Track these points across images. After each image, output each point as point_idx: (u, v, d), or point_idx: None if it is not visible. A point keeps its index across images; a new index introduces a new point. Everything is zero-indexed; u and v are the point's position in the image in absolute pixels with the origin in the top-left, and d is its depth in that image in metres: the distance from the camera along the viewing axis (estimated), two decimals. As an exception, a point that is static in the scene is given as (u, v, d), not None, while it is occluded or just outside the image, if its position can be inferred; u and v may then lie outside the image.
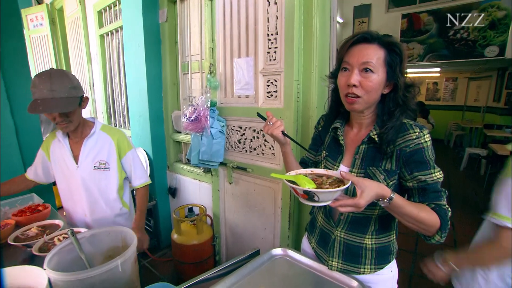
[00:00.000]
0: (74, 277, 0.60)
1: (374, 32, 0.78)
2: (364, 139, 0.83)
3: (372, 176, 0.80)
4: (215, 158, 1.83)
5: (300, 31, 1.41)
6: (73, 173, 1.26)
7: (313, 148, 1.04)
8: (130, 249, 0.68)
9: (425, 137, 0.76)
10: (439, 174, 0.77)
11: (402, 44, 0.77)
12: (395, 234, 0.91)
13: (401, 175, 0.79)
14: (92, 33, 2.94)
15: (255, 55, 1.58)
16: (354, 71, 0.76)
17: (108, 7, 2.63)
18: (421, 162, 0.76)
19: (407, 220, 0.74)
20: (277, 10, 1.44)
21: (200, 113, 1.73)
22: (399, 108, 0.78)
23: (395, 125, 0.77)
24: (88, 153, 1.26)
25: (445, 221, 0.74)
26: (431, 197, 0.77)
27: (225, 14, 1.70)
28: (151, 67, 2.20)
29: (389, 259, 0.90)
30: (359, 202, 0.65)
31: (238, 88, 1.71)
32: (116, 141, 1.31)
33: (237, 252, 2.01)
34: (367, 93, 0.77)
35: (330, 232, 0.93)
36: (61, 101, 1.07)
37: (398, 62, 0.75)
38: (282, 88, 1.49)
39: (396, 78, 0.76)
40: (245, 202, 1.84)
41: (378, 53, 0.75)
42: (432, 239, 0.77)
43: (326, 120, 1.00)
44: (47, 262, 0.65)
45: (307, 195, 0.67)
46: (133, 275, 0.71)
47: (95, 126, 1.29)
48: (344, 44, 0.81)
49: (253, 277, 0.91)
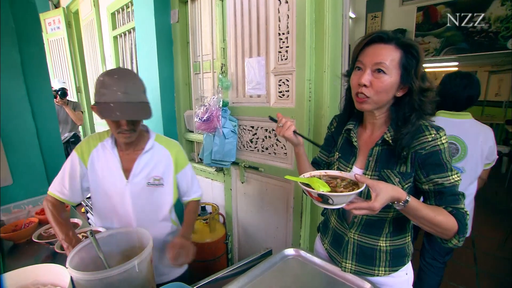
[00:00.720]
0: (94, 276, 0.63)
1: (391, 32, 0.76)
2: (378, 141, 0.81)
3: (387, 179, 0.78)
4: (227, 157, 1.85)
5: (312, 29, 1.39)
6: (120, 188, 1.08)
7: (326, 148, 1.03)
8: (146, 250, 0.70)
9: (441, 139, 0.73)
10: (456, 177, 0.74)
11: (420, 46, 0.74)
12: (410, 236, 0.89)
13: (417, 177, 0.78)
14: (106, 34, 3.01)
15: (267, 55, 1.58)
16: (366, 71, 0.75)
17: (121, 8, 2.69)
18: (437, 165, 0.74)
19: (423, 223, 0.73)
20: (288, 9, 1.43)
21: (212, 113, 1.75)
22: (415, 113, 0.75)
23: (411, 132, 0.75)
24: (142, 168, 1.09)
25: (463, 225, 0.72)
26: (448, 200, 0.75)
27: (236, 13, 1.70)
28: (163, 67, 2.23)
29: (404, 262, 0.89)
30: (374, 205, 0.64)
31: (250, 88, 1.71)
32: (174, 156, 1.16)
33: (250, 250, 2.02)
34: (376, 93, 0.75)
35: (343, 234, 0.92)
36: (136, 107, 0.94)
37: (414, 64, 0.73)
38: (294, 87, 1.48)
39: (410, 81, 0.73)
40: (257, 201, 1.85)
41: (393, 54, 0.73)
42: (449, 243, 0.75)
43: (339, 121, 0.98)
44: (69, 261, 0.68)
45: (321, 198, 0.67)
46: (149, 274, 0.73)
47: (151, 137, 1.13)
48: (359, 43, 0.79)
49: (265, 277, 0.92)
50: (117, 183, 1.07)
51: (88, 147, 1.09)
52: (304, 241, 1.63)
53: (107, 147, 1.08)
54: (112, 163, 1.07)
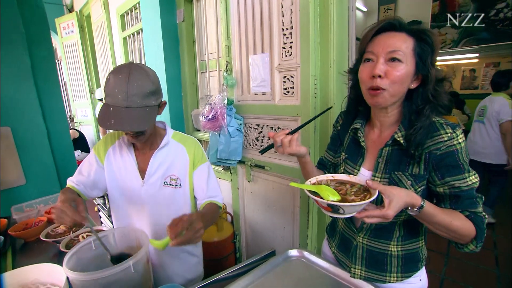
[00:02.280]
0: (89, 277, 0.63)
1: (402, 19, 0.71)
2: (388, 141, 0.75)
3: (398, 182, 0.73)
4: (233, 156, 1.83)
5: (316, 24, 1.34)
6: (137, 190, 1.03)
7: (332, 148, 0.98)
8: (142, 250, 0.69)
9: (458, 138, 0.67)
10: (474, 178, 0.68)
11: (433, 32, 0.68)
12: (423, 240, 0.83)
13: (430, 179, 0.72)
14: (116, 36, 3.07)
15: (271, 51, 1.54)
16: (380, 61, 0.69)
17: (130, 10, 2.72)
18: (453, 166, 0.68)
19: (438, 229, 0.68)
20: (291, 3, 1.39)
21: (217, 111, 1.74)
22: (429, 104, 0.69)
23: (424, 125, 0.69)
24: (157, 167, 1.03)
25: (481, 230, 0.67)
26: (465, 204, 0.69)
27: (239, 10, 1.67)
28: (170, 67, 2.25)
29: (417, 267, 0.83)
30: (387, 213, 0.60)
31: (255, 86, 1.69)
32: (192, 154, 1.07)
33: (257, 249, 2.01)
34: (393, 84, 0.69)
35: (351, 238, 0.87)
36: (136, 114, 0.84)
37: (430, 52, 0.67)
38: (299, 84, 1.44)
39: (426, 70, 0.68)
40: (264, 200, 1.83)
41: (407, 42, 0.68)
42: (466, 248, 0.70)
43: (345, 119, 0.92)
44: (66, 261, 0.69)
45: (331, 208, 0.63)
46: (146, 275, 0.72)
47: (167, 134, 1.06)
48: (367, 33, 0.73)
49: (267, 278, 0.90)
50: (133, 184, 1.03)
51: (105, 145, 1.06)
52: (311, 242, 1.59)
53: (123, 145, 1.04)
54: (128, 162, 1.03)
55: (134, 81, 0.83)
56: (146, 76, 0.86)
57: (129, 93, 0.82)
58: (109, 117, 0.81)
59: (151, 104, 0.87)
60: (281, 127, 1.60)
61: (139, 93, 0.83)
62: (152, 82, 0.88)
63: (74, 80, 4.30)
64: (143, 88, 0.84)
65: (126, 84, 0.82)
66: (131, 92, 0.82)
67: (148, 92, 0.85)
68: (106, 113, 0.82)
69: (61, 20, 4.05)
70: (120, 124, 0.81)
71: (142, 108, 0.85)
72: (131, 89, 0.82)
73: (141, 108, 0.84)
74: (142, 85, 0.84)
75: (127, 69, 0.84)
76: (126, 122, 0.81)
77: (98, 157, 1.05)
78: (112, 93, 0.83)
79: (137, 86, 0.83)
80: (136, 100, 0.83)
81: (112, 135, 1.09)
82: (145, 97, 0.85)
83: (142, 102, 0.84)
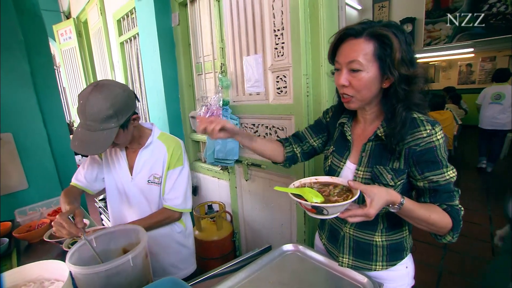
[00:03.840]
0: (91, 270, 0.66)
1: (365, 22, 0.72)
2: (371, 137, 0.79)
3: (379, 176, 0.76)
4: (230, 156, 1.87)
5: (307, 24, 1.38)
6: (127, 185, 1.13)
7: (314, 130, 1.01)
8: (140, 245, 0.73)
9: (437, 135, 0.70)
10: (452, 173, 0.72)
11: (394, 32, 0.68)
12: (408, 230, 0.87)
13: (411, 174, 0.76)
14: (113, 41, 3.11)
15: (263, 52, 1.58)
16: (343, 71, 0.73)
17: (126, 15, 2.76)
18: (432, 162, 0.71)
19: (418, 223, 0.72)
20: (282, 5, 1.42)
21: (213, 112, 1.78)
22: (400, 103, 0.72)
23: (399, 124, 0.71)
24: (142, 166, 1.11)
25: (457, 222, 0.71)
26: (443, 197, 0.73)
27: (232, 13, 1.71)
28: (167, 69, 2.28)
29: (402, 256, 0.87)
30: (369, 212, 0.63)
31: (249, 86, 1.72)
32: (170, 154, 1.13)
33: (256, 247, 2.02)
34: (358, 92, 0.73)
35: (339, 229, 0.91)
36: (95, 138, 0.90)
37: (389, 53, 0.68)
38: (291, 83, 1.48)
39: (390, 72, 0.69)
40: (262, 198, 1.87)
41: (366, 48, 0.69)
42: (443, 239, 0.74)
43: (334, 112, 0.97)
44: (69, 257, 0.72)
45: (315, 209, 0.65)
46: (145, 269, 0.76)
47: (152, 134, 1.13)
48: (330, 45, 0.77)
49: (263, 272, 0.92)
50: (124, 179, 1.12)
51: None
52: (308, 237, 1.62)
53: None
54: (120, 159, 1.12)
55: (90, 107, 0.88)
56: (104, 100, 0.89)
57: (87, 119, 0.89)
58: (75, 138, 0.91)
59: (109, 127, 0.91)
60: (276, 126, 1.64)
61: (96, 119, 0.89)
62: (112, 105, 0.90)
63: (73, 86, 4.35)
64: (99, 114, 0.88)
65: (84, 111, 0.88)
66: (89, 118, 0.88)
67: (105, 117, 0.89)
68: (75, 134, 0.91)
69: (59, 26, 4.09)
70: (81, 147, 0.89)
71: (101, 131, 0.90)
72: (89, 115, 0.88)
73: (100, 131, 0.90)
74: (99, 111, 0.88)
75: (86, 94, 0.89)
76: (86, 145, 0.89)
77: (99, 155, 1.16)
78: (78, 115, 0.91)
79: (95, 112, 0.88)
80: (94, 125, 0.89)
81: None
82: (103, 121, 0.89)
83: (99, 126, 0.89)
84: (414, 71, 0.70)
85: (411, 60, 0.70)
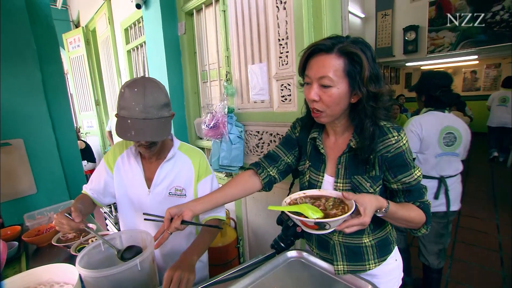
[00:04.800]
0: (100, 274, 0.68)
1: (335, 37, 0.74)
2: (345, 150, 0.81)
3: (359, 185, 0.80)
4: (234, 162, 1.89)
5: (310, 34, 1.41)
6: (143, 198, 1.07)
7: (285, 147, 1.00)
8: (147, 250, 0.75)
9: (403, 140, 0.76)
10: (418, 172, 0.78)
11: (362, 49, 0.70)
12: (390, 225, 0.91)
13: (385, 178, 0.80)
14: (120, 49, 3.18)
15: (268, 61, 1.61)
16: (314, 86, 0.74)
17: (133, 24, 2.84)
18: (403, 165, 0.77)
19: (399, 222, 0.78)
20: (286, 15, 1.46)
21: (218, 120, 1.80)
22: (367, 119, 0.74)
23: (368, 137, 0.74)
24: (164, 178, 1.06)
25: (429, 215, 0.80)
26: (415, 196, 0.80)
27: (237, 22, 1.76)
28: (173, 77, 2.33)
29: (390, 249, 0.91)
30: (365, 220, 0.65)
31: (254, 94, 1.75)
32: (197, 165, 1.10)
33: (260, 253, 2.03)
34: (328, 107, 0.75)
35: (327, 238, 0.93)
36: (154, 125, 0.88)
37: (358, 71, 0.70)
38: (296, 91, 1.50)
39: (358, 89, 0.71)
40: (266, 205, 1.87)
41: (336, 64, 0.70)
42: (419, 232, 0.82)
43: (302, 125, 0.96)
44: (78, 261, 0.74)
45: (317, 226, 0.65)
46: (151, 273, 0.78)
47: (174, 146, 1.09)
48: (300, 58, 0.78)
49: (267, 279, 0.92)
50: (139, 192, 1.07)
51: (114, 155, 1.11)
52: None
53: (131, 155, 1.08)
54: (136, 171, 1.07)
55: (150, 94, 0.87)
56: (159, 89, 0.91)
57: (146, 105, 0.86)
58: (129, 128, 0.85)
59: (165, 115, 0.92)
60: (280, 134, 1.66)
61: (155, 105, 0.88)
62: (165, 95, 0.93)
63: (80, 92, 4.44)
64: (158, 100, 0.88)
65: (143, 97, 0.86)
66: (148, 104, 0.86)
67: (162, 104, 0.90)
68: (124, 125, 0.87)
69: (68, 35, 4.21)
70: (140, 134, 0.86)
71: (158, 119, 0.89)
72: (148, 101, 0.86)
73: (157, 119, 0.88)
74: (158, 97, 0.88)
75: (142, 83, 0.88)
76: (146, 132, 0.86)
77: (108, 166, 1.10)
78: (129, 106, 0.86)
79: (153, 98, 0.87)
80: (153, 112, 0.87)
81: (119, 145, 1.13)
82: (160, 109, 0.89)
83: (158, 113, 0.88)
84: (380, 89, 0.72)
85: (377, 76, 0.72)
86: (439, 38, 4.75)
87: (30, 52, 1.58)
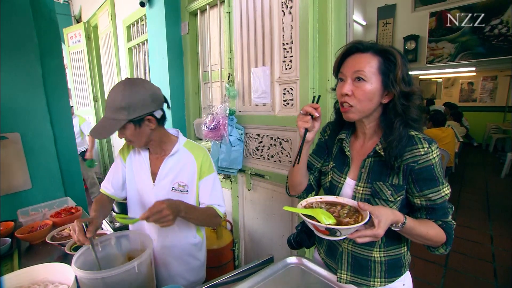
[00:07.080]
0: (97, 275, 0.66)
1: (369, 42, 0.78)
2: (370, 153, 0.81)
3: (379, 191, 0.78)
4: (233, 165, 1.88)
5: (315, 39, 1.41)
6: (148, 191, 1.11)
7: (317, 154, 1.01)
8: (146, 252, 0.73)
9: (433, 153, 0.73)
10: (447, 190, 0.75)
11: (397, 51, 0.75)
12: (406, 246, 0.88)
13: (409, 191, 0.78)
14: (122, 46, 3.17)
15: (271, 64, 1.61)
16: (348, 81, 0.76)
17: (136, 22, 2.83)
18: (430, 180, 0.74)
19: (416, 239, 0.75)
20: (291, 20, 1.46)
21: (219, 121, 1.80)
22: (398, 118, 0.75)
23: (396, 138, 0.74)
24: (167, 173, 1.10)
25: (450, 236, 0.76)
26: (439, 214, 0.76)
27: (242, 25, 1.76)
28: (174, 77, 2.32)
29: (400, 272, 0.87)
30: (378, 232, 0.65)
31: (256, 97, 1.75)
32: (200, 162, 1.12)
33: (255, 257, 2.02)
34: (359, 102, 0.76)
35: (337, 244, 0.92)
36: (103, 124, 0.94)
37: (392, 69, 0.73)
38: (298, 96, 1.50)
39: (392, 86, 0.73)
40: (263, 209, 1.86)
41: (371, 62, 0.74)
42: (437, 251, 0.79)
43: (332, 129, 0.98)
44: (75, 261, 0.72)
45: (328, 231, 0.66)
46: (149, 275, 0.76)
47: (179, 142, 1.12)
48: (337, 56, 0.81)
49: (266, 284, 0.91)
50: (145, 185, 1.11)
51: (128, 147, 1.18)
52: (309, 250, 1.61)
53: (139, 149, 1.13)
54: (143, 165, 1.12)
55: (109, 96, 0.94)
56: (120, 93, 0.92)
57: (107, 105, 0.94)
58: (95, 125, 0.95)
59: (118, 118, 0.93)
60: (281, 138, 1.65)
61: (110, 107, 0.93)
62: (126, 98, 0.92)
63: (78, 88, 4.40)
64: (114, 103, 0.93)
65: (109, 97, 0.94)
66: (108, 104, 0.94)
67: (117, 107, 0.92)
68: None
69: (69, 30, 4.18)
70: (92, 130, 0.95)
71: (110, 120, 0.93)
72: (109, 101, 0.93)
73: (110, 120, 0.93)
74: (113, 100, 0.93)
75: (121, 83, 0.95)
76: (95, 129, 0.94)
77: (122, 158, 1.17)
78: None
79: (109, 101, 0.93)
80: (108, 113, 0.94)
81: None
82: (114, 111, 0.93)
83: (111, 115, 0.93)
84: (412, 89, 0.74)
85: (409, 80, 0.75)
86: (439, 49, 4.82)
87: (31, 46, 1.56)
